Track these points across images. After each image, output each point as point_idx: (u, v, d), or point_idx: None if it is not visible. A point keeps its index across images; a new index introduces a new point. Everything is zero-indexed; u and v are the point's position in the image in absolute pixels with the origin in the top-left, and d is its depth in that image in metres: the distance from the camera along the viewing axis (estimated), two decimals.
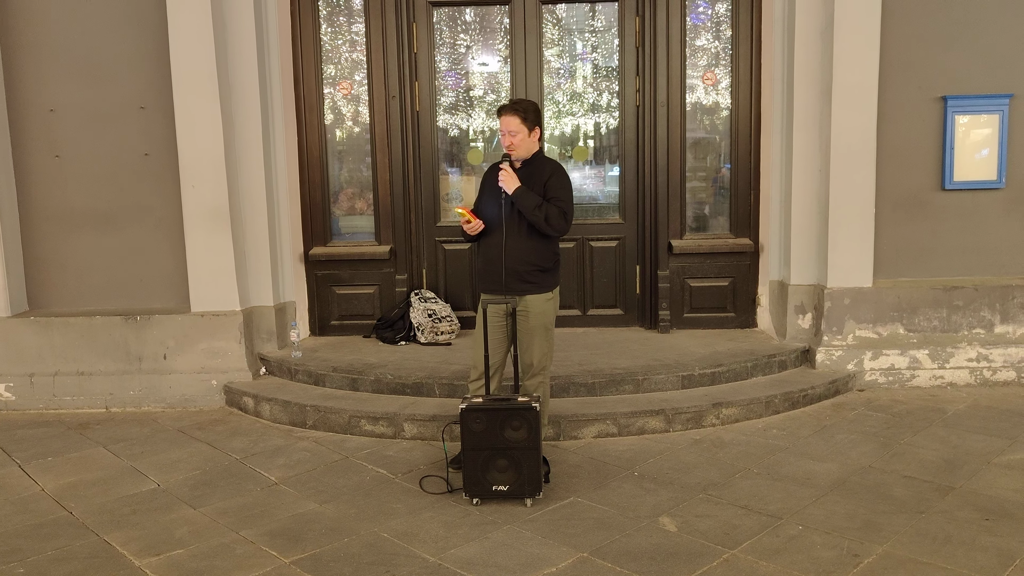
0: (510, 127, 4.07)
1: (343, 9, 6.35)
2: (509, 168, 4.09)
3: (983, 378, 5.65)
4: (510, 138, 4.08)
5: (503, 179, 4.06)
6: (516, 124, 4.06)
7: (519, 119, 4.06)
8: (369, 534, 3.68)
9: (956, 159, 5.69)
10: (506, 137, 4.09)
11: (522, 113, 4.07)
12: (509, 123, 4.07)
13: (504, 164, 4.10)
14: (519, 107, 4.09)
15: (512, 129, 4.07)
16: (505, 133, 4.09)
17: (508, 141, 4.09)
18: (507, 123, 4.07)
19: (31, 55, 5.79)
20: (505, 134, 4.09)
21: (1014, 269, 5.82)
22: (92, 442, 5.06)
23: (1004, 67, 5.64)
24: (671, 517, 3.77)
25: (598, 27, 6.36)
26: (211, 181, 5.65)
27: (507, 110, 4.09)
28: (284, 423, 5.27)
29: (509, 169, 4.08)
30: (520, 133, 4.07)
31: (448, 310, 6.30)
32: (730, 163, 6.32)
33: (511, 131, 4.07)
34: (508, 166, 4.10)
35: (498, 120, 4.16)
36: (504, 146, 4.13)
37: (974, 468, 4.23)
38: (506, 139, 4.10)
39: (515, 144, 4.09)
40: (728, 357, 5.57)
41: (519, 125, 4.06)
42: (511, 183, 4.04)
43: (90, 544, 3.67)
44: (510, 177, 4.05)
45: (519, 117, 4.06)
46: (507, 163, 4.11)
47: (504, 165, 4.09)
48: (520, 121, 4.06)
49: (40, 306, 6.03)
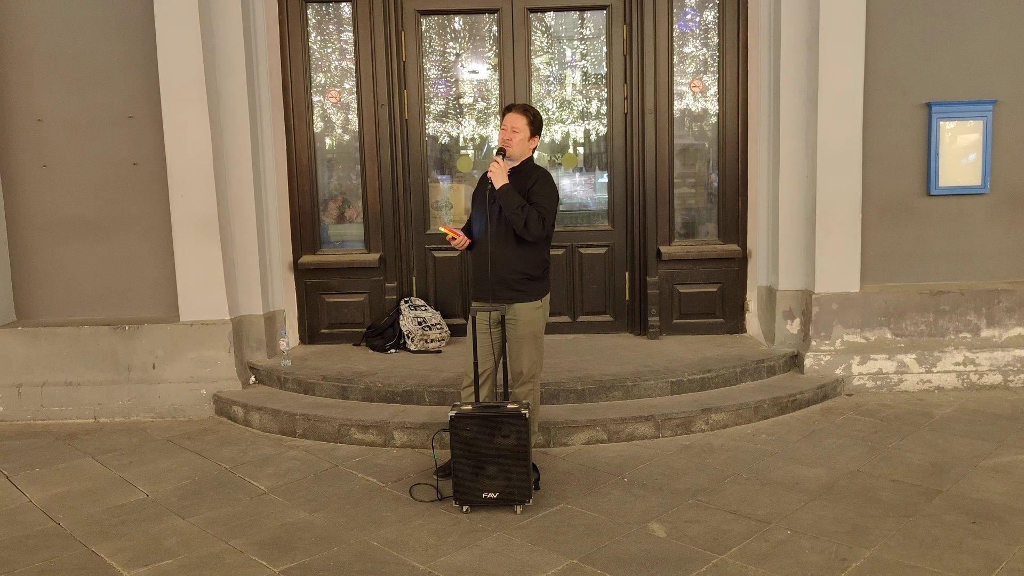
0: (515, 124, 4.09)
1: (332, 18, 6.36)
2: (502, 161, 4.08)
3: (970, 382, 5.69)
4: (511, 133, 4.09)
5: (493, 170, 4.05)
6: (521, 124, 4.09)
7: (526, 120, 4.10)
8: (359, 543, 3.68)
9: (941, 165, 5.74)
10: (507, 131, 4.10)
11: (530, 115, 4.12)
12: (515, 120, 4.10)
13: (497, 156, 4.09)
14: (529, 109, 4.15)
15: (516, 127, 4.09)
16: (507, 128, 4.10)
17: (508, 136, 4.10)
18: (513, 119, 4.10)
19: (18, 64, 5.78)
20: (507, 128, 4.10)
21: (999, 273, 5.87)
22: (80, 453, 5.03)
23: (988, 73, 5.70)
24: (660, 523, 3.78)
25: (587, 35, 6.39)
26: (200, 190, 5.65)
27: (516, 108, 4.13)
28: (274, 432, 5.26)
29: (501, 162, 4.08)
30: (522, 133, 4.09)
31: (438, 318, 6.30)
32: (718, 170, 6.35)
33: (514, 127, 4.09)
34: (501, 159, 4.09)
35: (501, 118, 4.18)
36: (501, 140, 4.13)
37: (961, 471, 4.26)
38: (506, 133, 4.10)
39: (513, 142, 4.10)
40: (717, 363, 5.60)
41: (524, 125, 4.09)
42: (500, 177, 4.04)
43: (78, 555, 3.65)
44: (500, 170, 4.05)
45: (526, 118, 4.10)
46: (501, 156, 4.10)
47: (497, 157, 4.08)
48: (526, 122, 4.10)
49: (27, 316, 6.01)
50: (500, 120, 4.32)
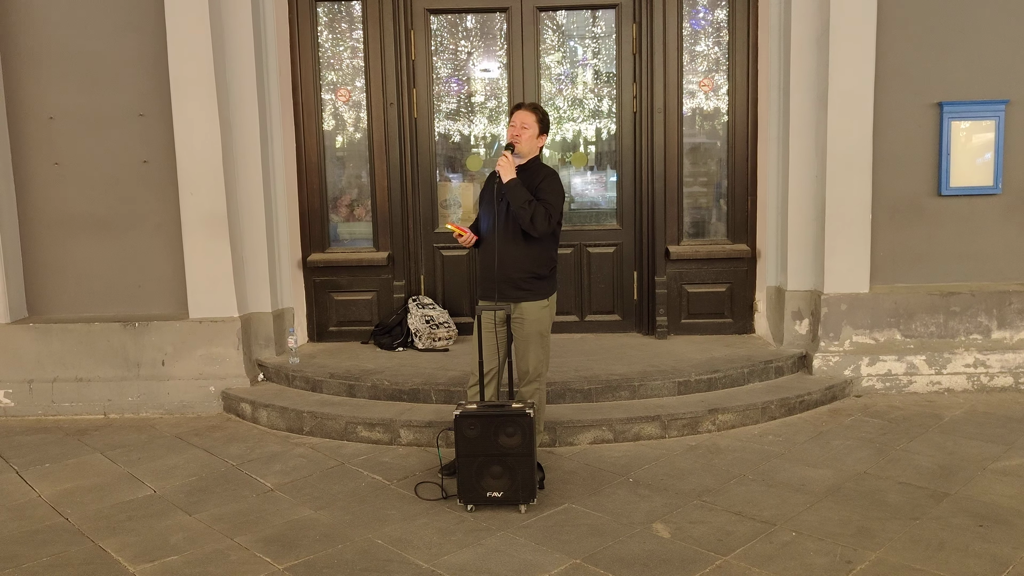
0: (524, 121, 4.15)
1: (341, 16, 6.38)
2: (510, 156, 4.13)
3: (980, 384, 5.65)
4: (520, 129, 4.15)
5: (501, 164, 4.09)
6: (531, 120, 4.15)
7: (535, 117, 4.16)
8: (363, 540, 3.69)
9: (953, 165, 5.69)
10: (516, 128, 4.16)
11: (539, 114, 4.19)
12: (524, 117, 4.16)
13: (506, 151, 4.14)
14: (538, 108, 4.22)
15: (526, 123, 4.15)
16: (516, 124, 4.16)
17: (516, 132, 4.16)
18: (522, 116, 4.16)
19: (31, 63, 5.82)
20: (516, 125, 4.16)
21: (1011, 275, 5.82)
22: (90, 448, 5.07)
23: (1000, 73, 5.65)
24: (665, 523, 3.77)
25: (599, 33, 6.37)
26: (209, 188, 5.68)
27: (525, 106, 4.21)
28: (281, 429, 5.28)
29: (510, 156, 4.12)
30: (531, 129, 4.15)
31: (446, 316, 6.31)
32: (727, 169, 6.33)
33: (524, 124, 4.15)
34: (510, 154, 4.13)
35: (510, 116, 4.23)
36: (510, 136, 4.18)
37: (970, 474, 4.23)
38: (515, 129, 4.16)
39: (522, 138, 4.15)
40: (725, 363, 5.58)
41: (533, 122, 4.15)
42: (508, 171, 4.08)
43: (85, 550, 3.68)
44: (509, 164, 4.09)
45: (535, 115, 4.17)
46: (509, 151, 4.15)
47: (506, 152, 4.13)
48: (535, 119, 4.16)
49: (39, 312, 6.06)
50: (509, 118, 4.34)
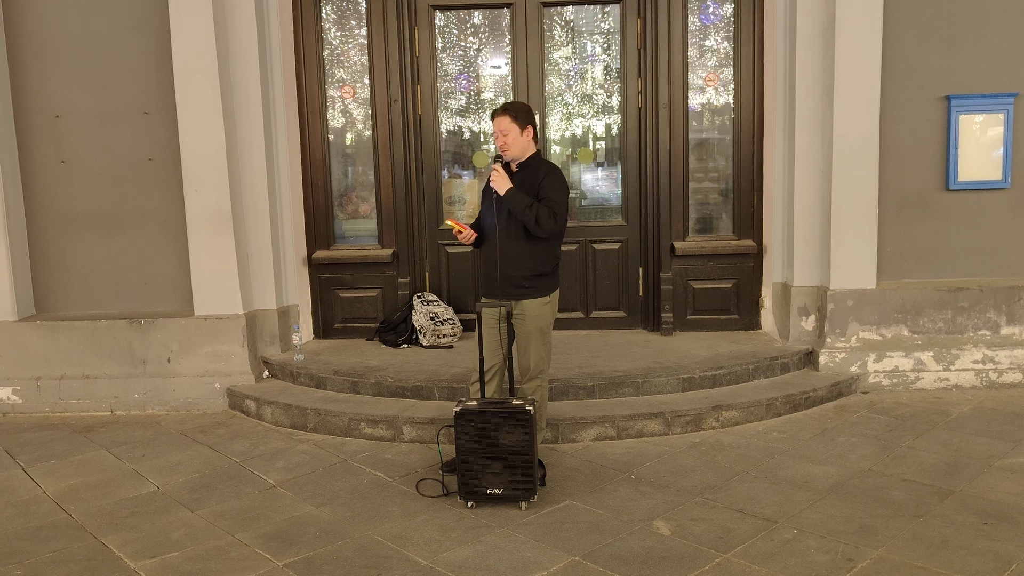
0: (502, 127, 4.14)
1: (346, 12, 6.37)
2: (501, 169, 4.15)
3: (989, 380, 5.59)
4: (503, 138, 4.15)
5: (494, 179, 4.13)
6: (507, 123, 4.13)
7: (509, 118, 4.13)
8: (363, 537, 3.69)
9: (960, 159, 5.63)
10: (499, 137, 4.16)
11: (512, 113, 4.15)
12: (500, 123, 4.15)
13: (496, 165, 4.16)
14: (509, 108, 4.18)
15: (503, 128, 4.14)
16: (498, 134, 4.17)
17: (501, 141, 4.16)
18: (499, 124, 4.15)
19: (37, 61, 5.85)
20: (498, 135, 4.17)
21: (1021, 270, 5.75)
22: (95, 445, 5.10)
23: (1009, 66, 5.58)
24: (665, 521, 3.75)
25: (606, 29, 6.34)
26: (214, 185, 5.69)
27: (498, 112, 4.18)
28: (285, 426, 5.29)
29: (501, 170, 4.14)
30: (511, 132, 4.13)
31: (450, 313, 6.31)
32: (733, 164, 6.28)
33: (503, 131, 4.14)
34: (500, 167, 4.15)
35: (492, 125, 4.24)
36: (498, 146, 4.19)
37: (975, 471, 4.19)
38: (499, 139, 4.17)
39: (508, 143, 4.15)
40: (729, 359, 5.55)
41: (509, 124, 4.13)
42: (502, 184, 4.10)
43: (88, 546, 3.70)
44: (501, 178, 4.12)
45: (509, 116, 4.14)
46: (499, 164, 4.17)
47: (496, 166, 4.16)
48: (510, 120, 4.13)
49: (46, 309, 6.09)
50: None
